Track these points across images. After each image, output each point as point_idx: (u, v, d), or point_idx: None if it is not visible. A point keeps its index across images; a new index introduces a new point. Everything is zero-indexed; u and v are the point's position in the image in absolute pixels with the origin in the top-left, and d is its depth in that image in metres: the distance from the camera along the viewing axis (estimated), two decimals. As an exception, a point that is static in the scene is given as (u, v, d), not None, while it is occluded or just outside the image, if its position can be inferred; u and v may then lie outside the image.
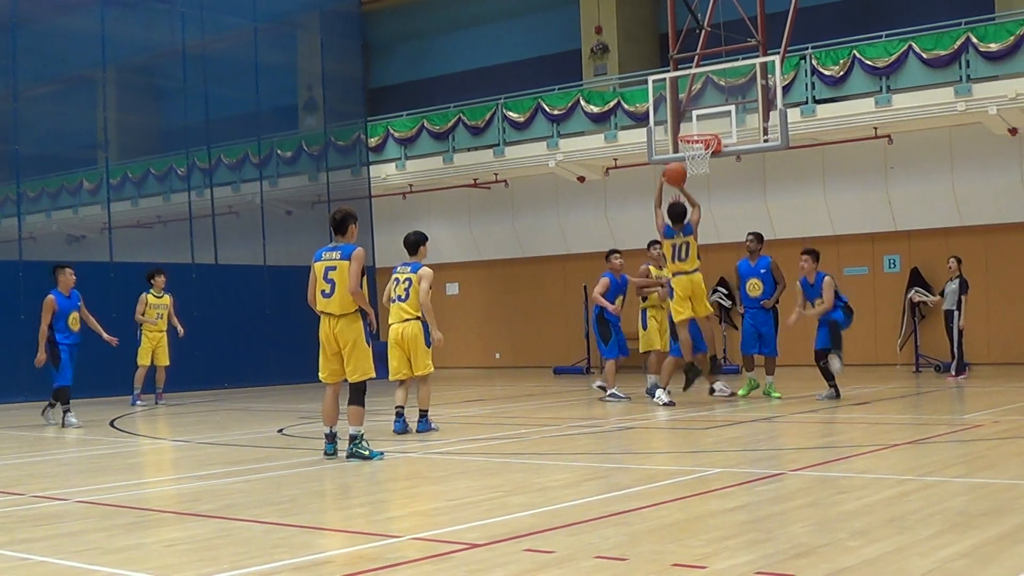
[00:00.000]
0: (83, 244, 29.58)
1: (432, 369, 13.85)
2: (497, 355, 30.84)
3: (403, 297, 13.92)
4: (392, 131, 30.88)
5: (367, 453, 11.04)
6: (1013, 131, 23.64)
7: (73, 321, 16.81)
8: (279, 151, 30.22)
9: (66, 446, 13.80)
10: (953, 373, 21.10)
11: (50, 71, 26.77)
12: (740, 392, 18.09)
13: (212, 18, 27.81)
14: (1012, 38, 22.63)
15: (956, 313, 21.06)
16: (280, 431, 14.88)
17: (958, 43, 23.08)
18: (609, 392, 18.41)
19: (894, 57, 23.66)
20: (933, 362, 23.60)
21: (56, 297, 16.67)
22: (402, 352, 13.82)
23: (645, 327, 18.78)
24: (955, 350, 21.19)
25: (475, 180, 30.00)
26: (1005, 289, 24.76)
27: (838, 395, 17.07)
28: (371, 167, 30.62)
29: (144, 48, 28.34)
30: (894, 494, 8.08)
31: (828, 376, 16.97)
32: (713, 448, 11.83)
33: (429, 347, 13.78)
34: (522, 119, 28.47)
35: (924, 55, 23.42)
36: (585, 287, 29.46)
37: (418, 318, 13.78)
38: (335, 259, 11.98)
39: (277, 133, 30.16)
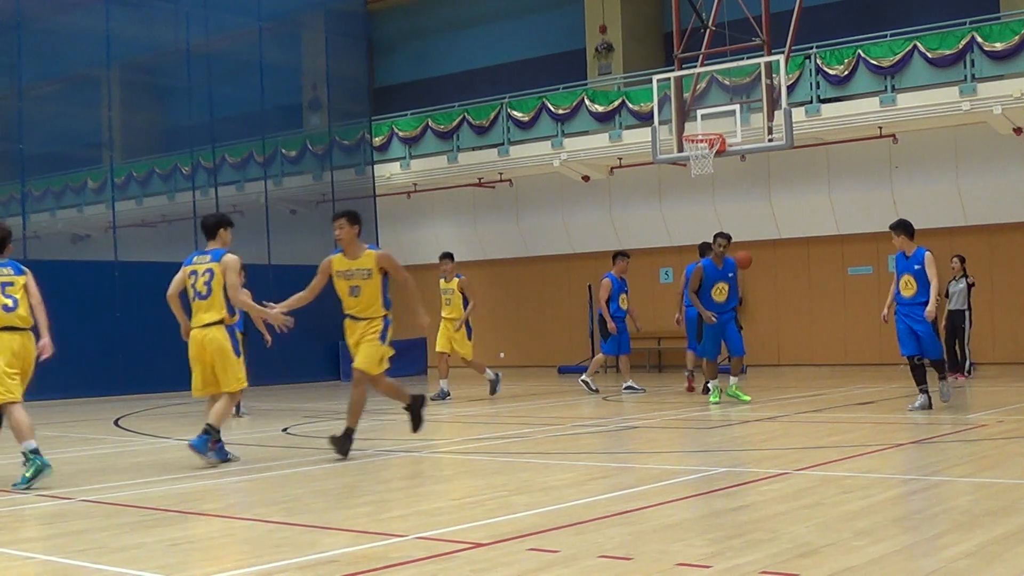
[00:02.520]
0: (88, 243, 29.62)
1: (245, 384, 11.42)
2: (501, 354, 30.82)
3: (204, 294, 11.45)
4: (396, 130, 30.88)
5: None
6: (1018, 130, 23.61)
7: None
8: (283, 150, 30.23)
9: (71, 445, 13.80)
10: (966, 374, 20.78)
11: (55, 70, 26.81)
12: (712, 399, 17.13)
13: (216, 17, 27.82)
14: (1017, 38, 22.62)
15: (967, 313, 20.88)
16: (284, 430, 14.88)
17: (963, 43, 23.06)
18: (626, 385, 18.72)
19: (899, 56, 23.64)
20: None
21: None
22: (203, 366, 11.33)
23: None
24: (964, 350, 21.00)
25: (479, 179, 29.99)
26: (1010, 288, 24.72)
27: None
28: (375, 166, 30.63)
29: (149, 47, 28.36)
30: (899, 494, 8.08)
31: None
32: (718, 447, 11.83)
33: (239, 356, 11.39)
34: (526, 118, 28.47)
35: (929, 54, 23.40)
36: (590, 286, 29.47)
37: (222, 321, 11.35)
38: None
39: (281, 132, 30.18)
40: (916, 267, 14.82)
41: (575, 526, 7.12)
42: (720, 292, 17.25)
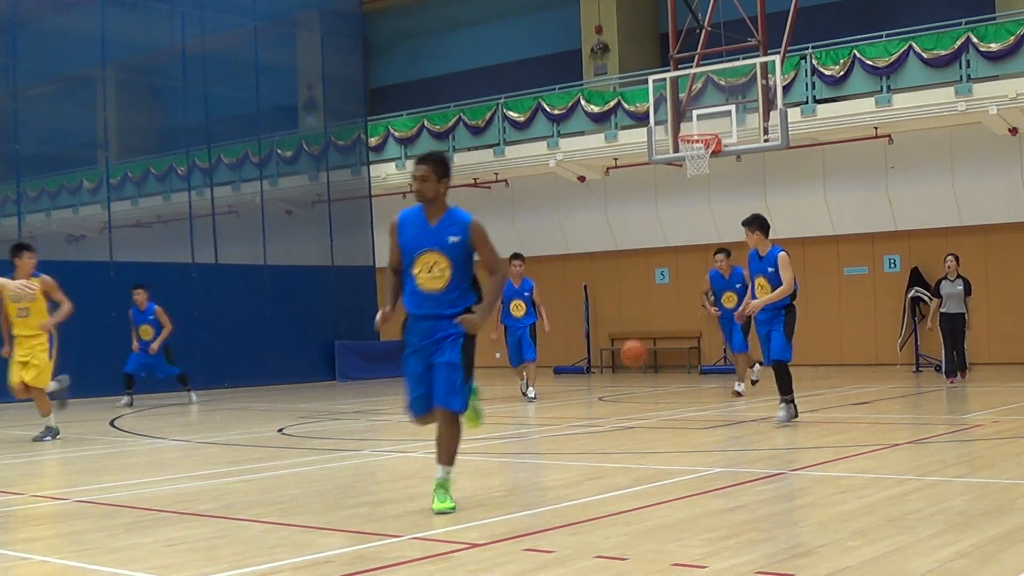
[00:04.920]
0: (83, 244, 29.60)
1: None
2: (497, 355, 30.74)
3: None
4: (392, 131, 30.89)
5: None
6: (1013, 131, 23.64)
7: None
8: (279, 151, 30.22)
9: (66, 446, 13.78)
10: (960, 376, 20.01)
11: (50, 70, 26.79)
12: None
13: (212, 17, 27.82)
14: (1012, 38, 22.65)
15: (965, 316, 19.93)
16: (280, 431, 14.87)
17: (958, 43, 23.09)
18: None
19: (894, 57, 23.67)
20: (933, 362, 23.58)
21: None
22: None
23: None
24: (964, 354, 20.21)
25: (475, 180, 29.99)
26: (1005, 289, 24.75)
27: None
28: (371, 167, 30.63)
29: (144, 48, 28.36)
30: (895, 494, 8.08)
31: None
32: (713, 448, 11.83)
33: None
34: (522, 119, 28.48)
35: (924, 55, 23.43)
36: (585, 286, 29.48)
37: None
38: None
39: (277, 133, 30.17)
40: (770, 269, 13.57)
41: (571, 526, 7.12)
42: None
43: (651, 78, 23.26)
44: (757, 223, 13.78)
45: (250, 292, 26.69)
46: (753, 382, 18.81)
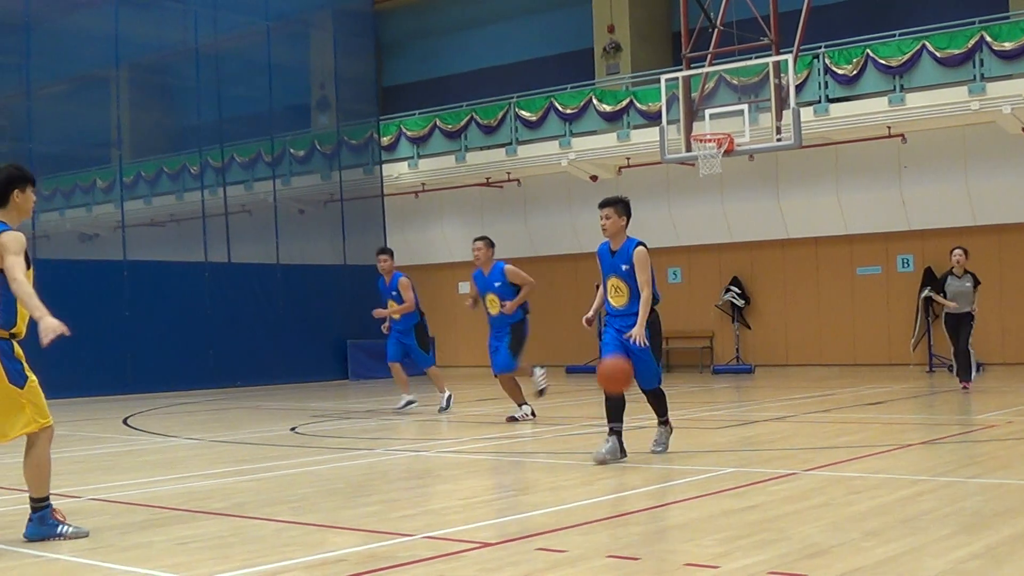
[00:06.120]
0: (96, 242, 29.64)
1: (48, 422, 7.17)
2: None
3: None
4: (404, 130, 30.89)
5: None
6: (1027, 130, 23.57)
7: None
8: (292, 150, 30.26)
9: (79, 444, 13.81)
10: (965, 385, 18.16)
11: (63, 70, 26.83)
12: None
13: (225, 17, 27.86)
14: (1026, 37, 22.57)
15: (972, 314, 18.06)
16: (292, 429, 14.88)
17: (972, 42, 23.01)
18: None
19: (907, 56, 23.59)
20: (946, 362, 23.49)
21: None
22: None
23: None
24: (967, 350, 18.20)
25: (487, 179, 29.98)
26: (1019, 289, 24.66)
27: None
28: (383, 166, 30.64)
29: (157, 47, 28.39)
30: (908, 494, 8.06)
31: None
32: (726, 447, 11.81)
33: (22, 386, 7.08)
34: (534, 118, 28.46)
35: (938, 54, 23.35)
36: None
37: None
38: None
39: (290, 132, 30.21)
40: (624, 267, 10.86)
41: (583, 526, 7.11)
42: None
43: (663, 77, 23.24)
44: (622, 205, 11.04)
45: (263, 291, 26.72)
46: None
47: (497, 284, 15.17)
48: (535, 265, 30.76)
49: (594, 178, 28.79)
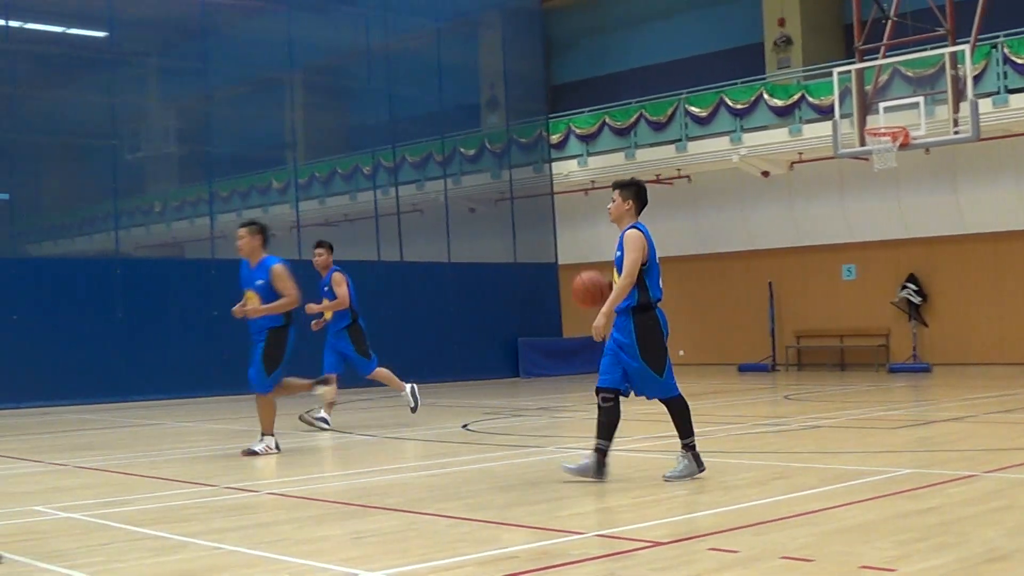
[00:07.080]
0: (272, 242, 30.22)
1: None
2: (681, 352, 30.60)
3: None
4: (574, 128, 30.95)
5: None
6: None
7: None
8: (462, 149, 30.56)
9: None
10: None
11: (240, 74, 27.57)
12: None
13: (396, 19, 28.29)
14: None
15: None
16: (464, 426, 15.03)
17: None
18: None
19: (1093, 43, 22.82)
20: None
21: None
22: None
23: None
24: None
25: (657, 176, 29.85)
26: None
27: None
28: (553, 164, 30.76)
29: (330, 50, 28.98)
30: (1095, 497, 7.81)
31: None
32: (903, 448, 11.57)
33: None
34: (704, 114, 28.25)
35: None
36: (770, 283, 29.10)
37: None
38: None
39: (460, 131, 30.51)
40: (617, 254, 9.82)
41: (756, 526, 7.04)
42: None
43: (836, 70, 22.89)
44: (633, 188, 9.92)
45: (435, 289, 27.07)
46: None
47: (259, 282, 13.03)
48: (706, 262, 30.64)
49: (765, 174, 28.46)
